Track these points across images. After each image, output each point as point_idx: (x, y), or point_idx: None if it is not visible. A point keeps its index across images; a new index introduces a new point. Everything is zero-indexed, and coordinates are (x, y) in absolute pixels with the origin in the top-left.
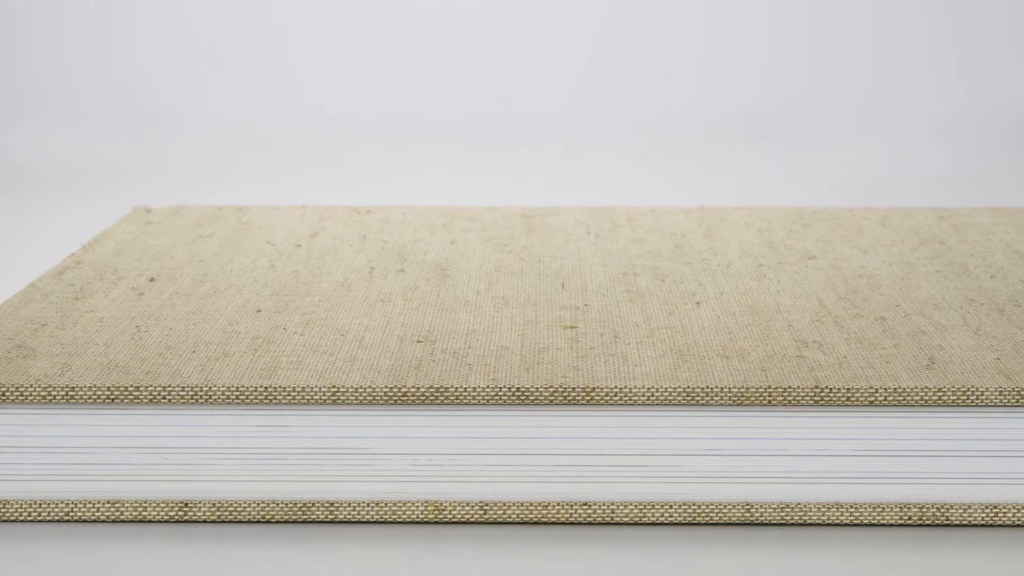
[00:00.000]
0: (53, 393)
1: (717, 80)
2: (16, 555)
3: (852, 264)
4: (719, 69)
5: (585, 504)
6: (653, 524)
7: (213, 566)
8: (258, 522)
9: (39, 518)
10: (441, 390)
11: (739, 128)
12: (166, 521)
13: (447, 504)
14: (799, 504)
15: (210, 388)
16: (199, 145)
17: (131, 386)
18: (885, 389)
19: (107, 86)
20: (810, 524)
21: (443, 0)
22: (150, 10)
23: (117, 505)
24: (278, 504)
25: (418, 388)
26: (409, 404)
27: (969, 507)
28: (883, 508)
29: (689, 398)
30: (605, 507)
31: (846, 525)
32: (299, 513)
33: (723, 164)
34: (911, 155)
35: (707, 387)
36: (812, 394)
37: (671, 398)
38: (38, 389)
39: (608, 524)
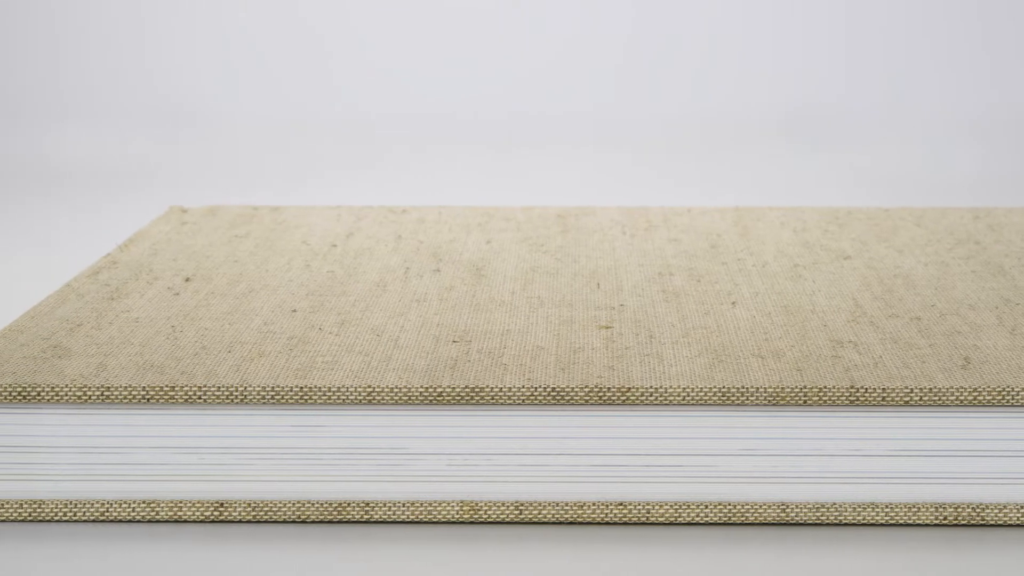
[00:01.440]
0: (88, 393)
1: (752, 80)
2: (52, 555)
3: (887, 264)
4: (754, 69)
5: (620, 504)
6: (688, 524)
7: (248, 566)
8: (293, 522)
9: (74, 518)
10: (476, 390)
11: (774, 128)
12: (201, 521)
13: (482, 504)
14: (834, 504)
15: (245, 388)
16: (235, 145)
17: (166, 386)
18: (920, 389)
19: (142, 86)
20: (845, 524)
21: (477, 0)
22: (185, 10)
23: (152, 505)
24: (313, 504)
25: (453, 388)
26: (444, 404)
27: (1004, 507)
28: (918, 508)
29: (724, 398)
30: (640, 507)
31: (881, 525)
32: (334, 513)
33: (758, 164)
34: (946, 155)
35: (742, 387)
36: (847, 394)
37: (706, 398)
38: (74, 389)
39: (643, 524)
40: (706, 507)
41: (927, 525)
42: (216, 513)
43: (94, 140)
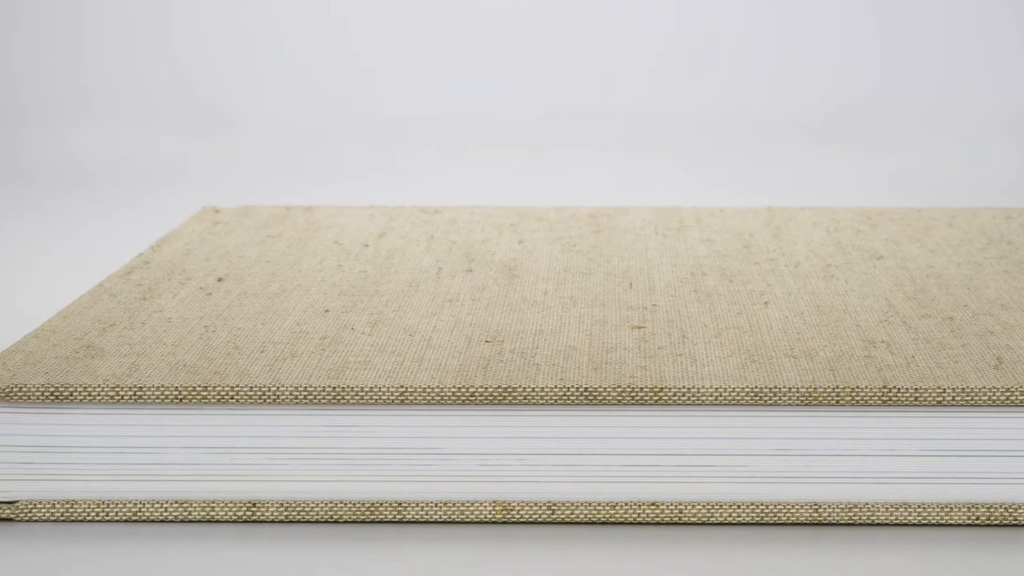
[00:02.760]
0: (121, 393)
1: (786, 80)
2: (84, 555)
3: (920, 264)
4: (788, 69)
5: (653, 504)
6: (721, 524)
7: (280, 566)
8: (326, 522)
9: (107, 518)
10: (509, 390)
11: (808, 128)
12: (234, 521)
13: (515, 504)
14: (867, 504)
15: (278, 388)
16: (268, 145)
17: (199, 386)
18: (953, 389)
19: (175, 87)
20: (878, 524)
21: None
22: (217, 10)
23: (185, 505)
24: (346, 504)
25: (486, 388)
26: (477, 404)
27: None
28: (951, 508)
29: (757, 398)
30: (673, 507)
31: (914, 525)
32: (367, 513)
33: (791, 164)
34: (979, 155)
35: (775, 387)
36: (880, 394)
37: (739, 398)
38: (106, 389)
39: (676, 524)
40: (738, 507)
41: (960, 525)
42: (248, 513)
43: (127, 140)
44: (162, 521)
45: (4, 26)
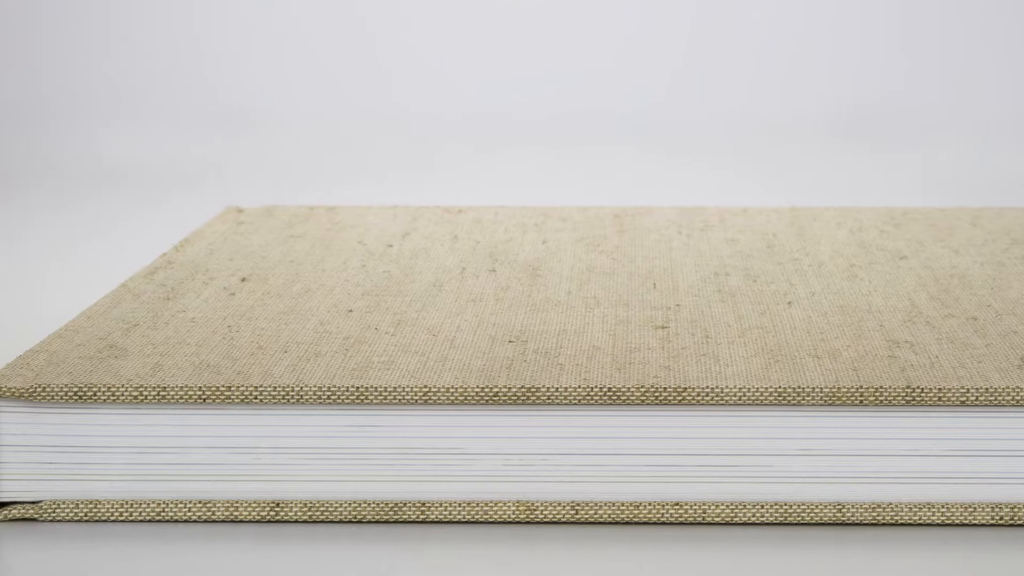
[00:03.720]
0: (144, 393)
1: (809, 79)
2: (108, 555)
3: (944, 264)
4: (811, 68)
5: (676, 504)
6: (744, 524)
7: (304, 566)
8: (349, 522)
9: (130, 518)
10: (532, 390)
11: (831, 127)
12: (257, 521)
13: (539, 504)
14: (891, 504)
15: (301, 388)
16: (291, 145)
17: (222, 386)
18: (977, 389)
19: (198, 86)
20: (901, 524)
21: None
22: (241, 10)
23: (208, 505)
24: (369, 504)
25: (509, 388)
26: (500, 404)
27: None
28: (975, 508)
29: (781, 398)
30: (696, 507)
31: (937, 525)
32: (390, 513)
33: (815, 164)
34: (1003, 154)
35: (799, 387)
36: (904, 394)
37: (763, 398)
38: (129, 389)
39: (699, 524)
40: (762, 507)
41: (984, 525)
42: (272, 513)
43: (150, 140)
44: (186, 521)
45: (29, 26)
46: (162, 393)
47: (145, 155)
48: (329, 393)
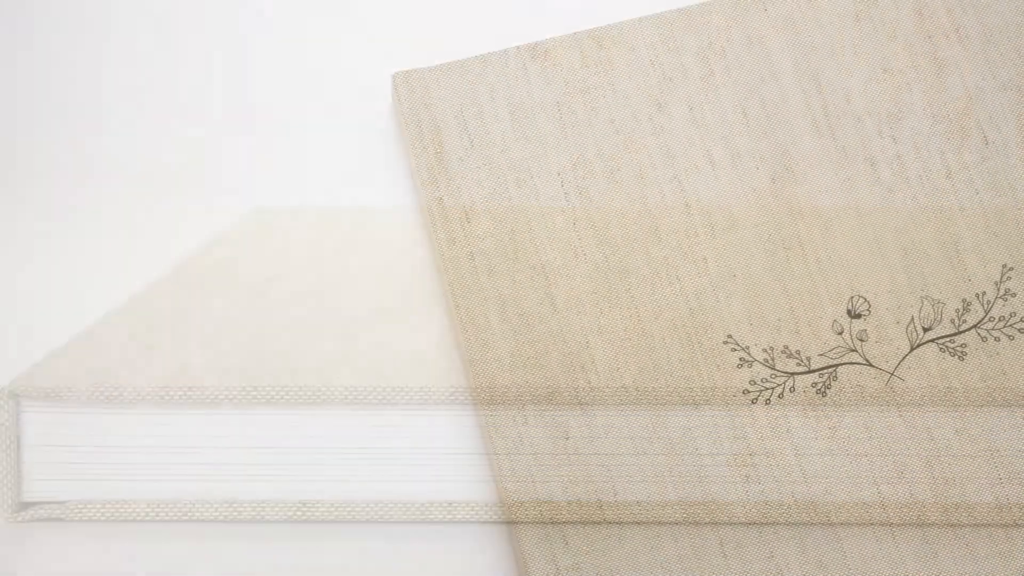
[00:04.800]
0: (171, 393)
1: None
2: (136, 553)
3: None
4: None
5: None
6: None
7: (330, 564)
8: (376, 522)
9: (156, 518)
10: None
11: None
12: (284, 521)
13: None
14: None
15: (329, 388)
16: (319, 147)
17: (249, 386)
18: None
19: (228, 87)
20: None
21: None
22: (266, 9)
23: (235, 505)
24: (394, 504)
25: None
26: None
27: None
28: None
29: None
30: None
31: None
32: (416, 514)
33: None
34: None
35: None
36: None
37: None
38: (156, 389)
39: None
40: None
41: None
42: (299, 513)
43: (177, 140)
44: (212, 521)
45: (43, 27)
46: (189, 393)
47: (172, 156)
48: (356, 393)
